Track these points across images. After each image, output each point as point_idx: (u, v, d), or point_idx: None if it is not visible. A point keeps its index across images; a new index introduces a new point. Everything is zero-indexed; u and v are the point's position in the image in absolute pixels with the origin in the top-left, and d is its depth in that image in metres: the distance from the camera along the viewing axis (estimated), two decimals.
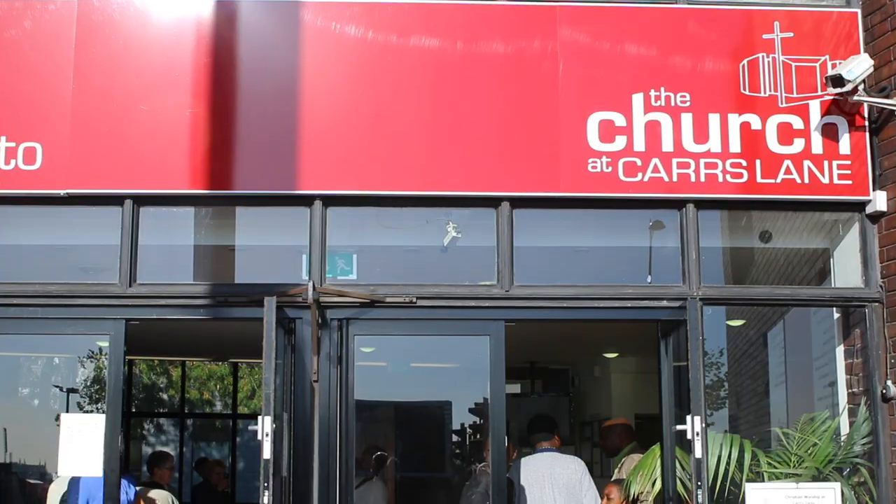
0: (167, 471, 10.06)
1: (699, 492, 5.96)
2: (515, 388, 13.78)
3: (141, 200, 6.75)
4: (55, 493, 9.39)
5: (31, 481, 13.54)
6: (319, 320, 6.54)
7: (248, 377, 19.18)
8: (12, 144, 6.67)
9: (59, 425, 6.64)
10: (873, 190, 6.85)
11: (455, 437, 14.87)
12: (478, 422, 14.06)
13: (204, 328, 10.27)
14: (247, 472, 16.12)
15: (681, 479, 6.66)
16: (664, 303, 6.76)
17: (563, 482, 7.67)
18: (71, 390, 16.41)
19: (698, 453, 6.00)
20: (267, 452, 5.84)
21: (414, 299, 6.64)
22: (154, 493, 9.41)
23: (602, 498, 7.47)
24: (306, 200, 6.74)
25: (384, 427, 12.90)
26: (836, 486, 6.69)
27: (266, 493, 5.79)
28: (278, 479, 6.20)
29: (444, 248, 7.01)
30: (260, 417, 5.90)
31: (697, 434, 6.00)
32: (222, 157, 6.74)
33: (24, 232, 7.23)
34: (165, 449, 14.59)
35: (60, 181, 6.65)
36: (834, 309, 7.27)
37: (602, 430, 8.47)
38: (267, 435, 5.84)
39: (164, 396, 20.12)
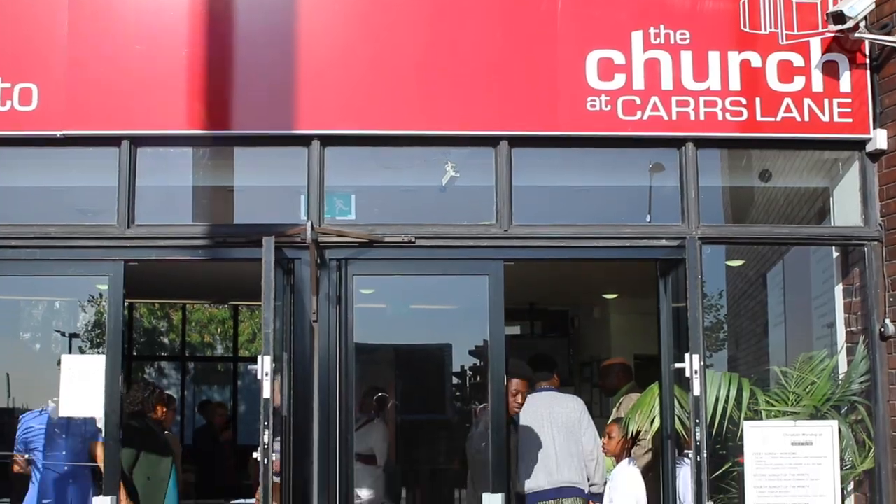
0: (170, 413, 10.12)
1: (697, 429, 5.98)
2: (515, 330, 13.82)
3: (138, 141, 6.72)
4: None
5: None
6: (318, 260, 6.54)
7: (248, 321, 19.21)
8: (7, 85, 6.63)
9: (60, 369, 6.67)
10: (874, 128, 6.81)
11: (455, 380, 14.93)
12: (478, 364, 14.12)
13: (203, 270, 10.29)
14: (248, 415, 16.23)
15: (679, 418, 6.69)
16: (663, 242, 6.75)
17: (562, 421, 7.73)
18: (72, 335, 16.47)
19: (696, 391, 6.02)
20: (267, 392, 5.86)
21: (412, 239, 6.63)
22: None
23: (602, 437, 7.51)
24: (304, 140, 6.71)
25: (384, 370, 12.94)
26: (834, 424, 6.72)
27: (266, 431, 5.82)
28: (278, 419, 6.23)
29: (443, 187, 6.99)
30: (259, 357, 5.92)
31: (696, 372, 6.01)
32: (220, 98, 6.70)
33: (22, 174, 7.20)
34: (168, 392, 14.65)
35: (57, 122, 6.62)
36: (833, 248, 7.26)
37: (601, 370, 8.51)
38: (267, 374, 5.86)
39: (165, 340, 20.19)
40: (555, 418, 7.66)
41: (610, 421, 7.45)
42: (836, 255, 7.26)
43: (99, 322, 16.43)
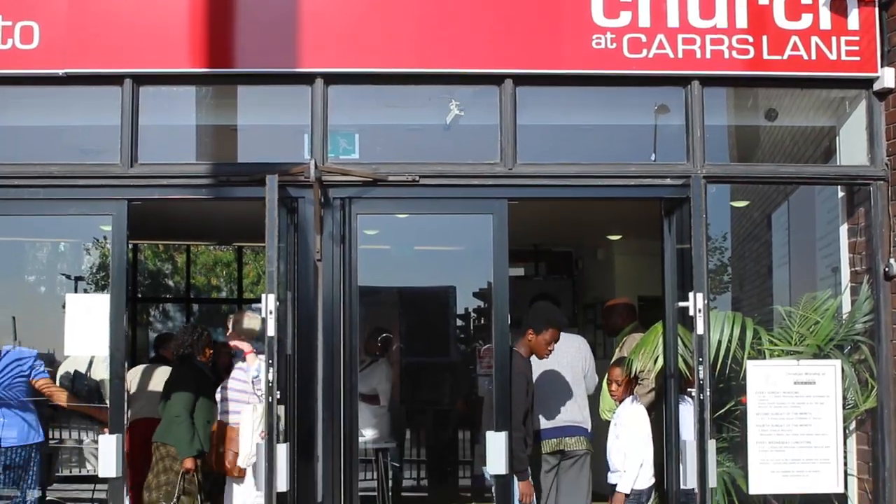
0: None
1: (700, 368, 5.99)
2: (519, 271, 13.80)
3: (140, 80, 6.68)
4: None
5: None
6: (322, 199, 6.53)
7: (253, 263, 19.24)
8: (8, 23, 6.59)
9: (65, 309, 6.69)
10: (881, 66, 6.76)
11: (459, 322, 14.97)
12: (482, 306, 14.15)
13: (207, 211, 10.27)
14: None
15: (682, 357, 6.70)
16: (668, 181, 6.72)
17: (566, 361, 7.76)
18: (78, 278, 16.50)
19: (700, 330, 6.02)
20: (271, 330, 5.86)
21: (416, 178, 6.61)
22: (161, 370, 9.54)
23: (609, 384, 7.48)
24: (307, 79, 6.67)
25: (389, 312, 12.97)
26: (837, 363, 6.74)
27: (271, 370, 5.84)
28: (283, 358, 6.25)
29: (447, 126, 6.95)
30: (263, 296, 5.92)
31: (699, 311, 6.01)
32: (222, 36, 6.66)
33: (24, 113, 7.17)
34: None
35: (58, 61, 6.58)
36: (839, 188, 7.23)
37: (604, 310, 8.49)
38: (271, 313, 5.86)
39: (170, 283, 20.24)
40: (559, 358, 7.67)
41: (613, 361, 7.44)
42: (841, 194, 7.24)
43: (103, 265, 16.47)
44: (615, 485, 7.02)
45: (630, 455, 6.94)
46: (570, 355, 7.76)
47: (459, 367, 13.80)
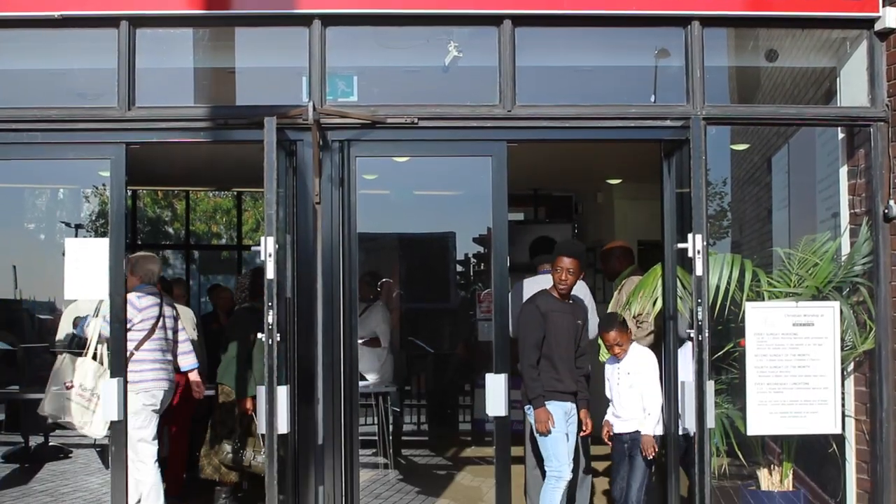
0: (179, 297, 10.18)
1: (699, 310, 6.00)
2: (519, 216, 13.80)
3: (136, 22, 6.63)
4: (67, 319, 9.56)
5: (41, 316, 13.73)
6: (320, 142, 6.51)
7: (252, 210, 19.24)
8: None
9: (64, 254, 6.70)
10: (882, 6, 6.70)
11: (459, 268, 15.00)
12: (482, 251, 14.17)
13: (206, 156, 10.25)
14: None
15: (681, 298, 6.71)
16: (667, 122, 6.70)
17: None
18: (77, 226, 16.52)
19: (699, 271, 6.02)
20: (270, 273, 5.87)
21: (415, 120, 6.59)
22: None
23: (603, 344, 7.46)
24: (305, 20, 6.62)
25: (389, 258, 13.00)
26: (836, 304, 6.75)
27: (270, 312, 5.85)
28: (282, 301, 6.26)
29: (446, 68, 6.90)
30: (263, 239, 5.91)
31: (698, 252, 6.01)
32: None
33: (21, 56, 7.13)
34: None
35: (54, 3, 6.53)
36: (839, 129, 7.20)
37: (602, 254, 8.49)
38: (270, 255, 5.86)
39: (170, 230, 20.24)
40: None
41: (601, 324, 7.30)
42: (841, 136, 7.20)
43: (103, 212, 16.48)
44: (628, 432, 7.07)
45: (653, 397, 6.96)
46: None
47: (459, 313, 13.86)
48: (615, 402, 7.17)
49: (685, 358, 6.67)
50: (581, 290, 7.85)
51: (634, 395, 7.02)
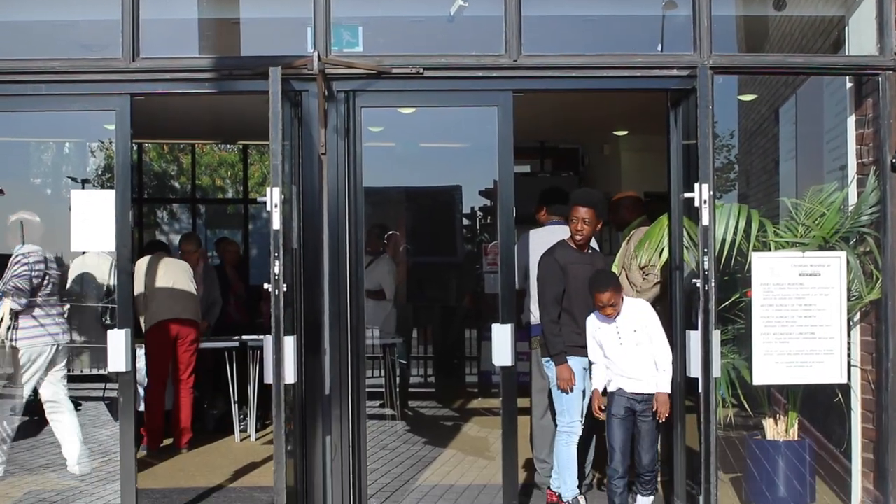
0: (190, 254, 10.21)
1: (705, 259, 5.99)
2: (525, 168, 13.77)
3: None
4: (75, 270, 9.59)
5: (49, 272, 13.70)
6: (325, 92, 6.49)
7: (258, 163, 19.17)
8: None
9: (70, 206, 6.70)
10: None
11: (465, 221, 14.99)
12: (488, 205, 14.16)
13: (211, 108, 10.23)
14: (259, 258, 16.33)
15: (688, 249, 6.70)
16: (674, 72, 6.65)
17: None
18: (84, 181, 16.50)
19: (705, 221, 6.01)
20: (276, 223, 5.87)
21: (421, 70, 6.55)
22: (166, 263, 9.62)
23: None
24: None
25: (395, 212, 12.99)
26: (842, 255, 6.74)
27: (276, 263, 5.85)
28: (289, 252, 6.26)
29: (451, 18, 6.87)
30: (268, 189, 5.91)
31: (705, 201, 5.99)
32: None
33: (24, 8, 7.11)
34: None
35: None
36: (847, 79, 7.14)
37: (611, 204, 8.46)
38: (276, 206, 5.86)
39: (176, 184, 20.20)
40: None
41: (595, 285, 7.18)
42: (849, 85, 7.15)
43: (109, 166, 16.43)
44: (642, 393, 6.63)
45: (666, 351, 6.60)
46: None
47: (465, 266, 13.86)
48: (620, 364, 6.63)
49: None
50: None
51: (644, 352, 6.60)
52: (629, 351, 6.61)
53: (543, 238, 7.48)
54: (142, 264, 9.30)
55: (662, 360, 6.58)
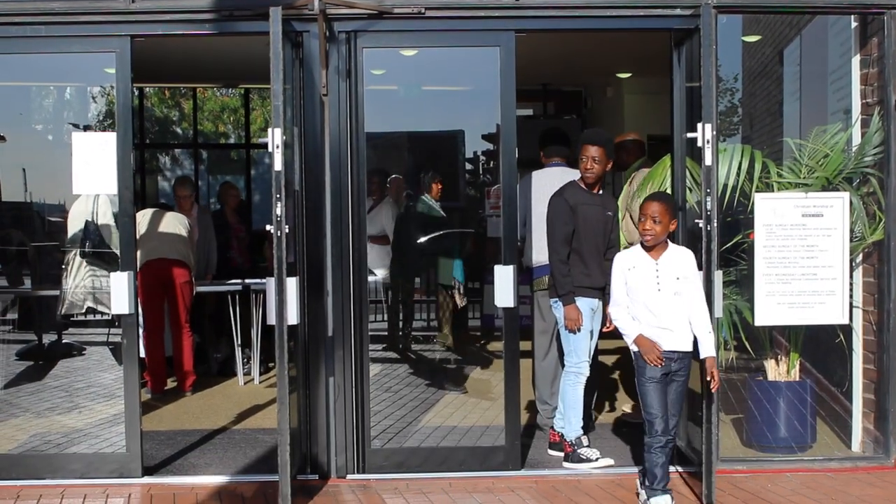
0: (184, 198, 10.21)
1: (708, 199, 5.98)
2: (527, 111, 13.73)
3: None
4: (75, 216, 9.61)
5: (52, 218, 13.75)
6: (327, 33, 6.44)
7: (260, 108, 19.12)
8: None
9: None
10: None
11: (468, 166, 14.96)
12: (491, 149, 14.12)
13: (212, 50, 10.17)
14: (262, 203, 16.34)
15: (690, 189, 6.69)
16: (677, 11, 6.60)
17: None
18: (86, 127, 16.45)
19: (708, 161, 5.99)
20: (278, 164, 5.85)
21: (422, 9, 6.50)
22: (171, 214, 9.63)
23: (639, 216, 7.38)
24: None
25: (397, 157, 12.95)
26: (845, 195, 6.74)
27: (278, 204, 5.84)
28: (291, 193, 6.24)
29: None
30: (270, 130, 5.88)
31: (708, 141, 5.97)
32: None
33: None
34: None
35: None
36: (852, 18, 7.09)
37: (613, 146, 8.45)
38: (277, 147, 5.84)
39: (178, 130, 20.16)
40: None
41: (647, 196, 7.06)
42: (854, 25, 7.10)
43: (110, 112, 16.38)
44: (678, 350, 5.82)
45: (706, 311, 5.88)
46: None
47: (468, 211, 13.84)
48: (656, 312, 5.80)
49: None
50: None
51: (681, 305, 5.81)
52: (667, 300, 5.79)
53: (543, 180, 7.48)
54: (140, 216, 9.28)
55: (706, 320, 5.84)
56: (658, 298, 5.79)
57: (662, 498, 5.75)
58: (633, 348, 5.90)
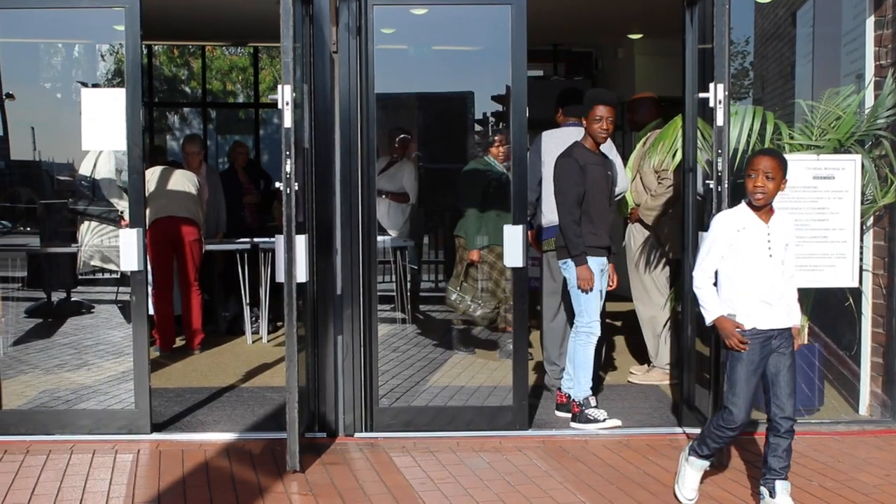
0: (193, 154, 10.20)
1: (719, 160, 5.94)
2: (538, 72, 13.66)
3: None
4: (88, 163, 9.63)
5: (62, 178, 13.78)
6: None
7: (269, 68, 19.05)
8: None
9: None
10: None
11: (478, 127, 14.91)
12: (501, 110, 14.06)
13: (221, 7, 10.11)
14: (271, 163, 16.31)
15: (701, 150, 6.64)
16: None
17: None
18: (95, 85, 16.45)
19: (720, 121, 5.94)
20: (288, 121, 5.81)
21: None
22: (181, 171, 9.62)
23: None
24: None
25: (408, 117, 12.93)
26: (857, 158, 6.69)
27: (288, 161, 5.81)
28: (300, 151, 6.22)
29: None
30: (279, 87, 5.84)
31: (720, 102, 5.92)
32: None
33: None
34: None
35: None
36: None
37: (629, 104, 8.38)
38: (287, 104, 5.80)
39: (187, 89, 20.10)
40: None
41: (757, 151, 6.85)
42: None
43: (119, 70, 16.36)
44: (779, 328, 5.20)
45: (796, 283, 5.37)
46: None
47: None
48: (764, 281, 5.13)
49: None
50: (608, 145, 7.78)
51: (786, 275, 5.22)
52: (776, 268, 5.17)
53: (558, 139, 7.42)
54: (149, 174, 9.27)
55: (795, 290, 5.35)
56: (768, 266, 5.12)
57: (700, 462, 5.32)
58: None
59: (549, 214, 7.29)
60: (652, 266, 7.97)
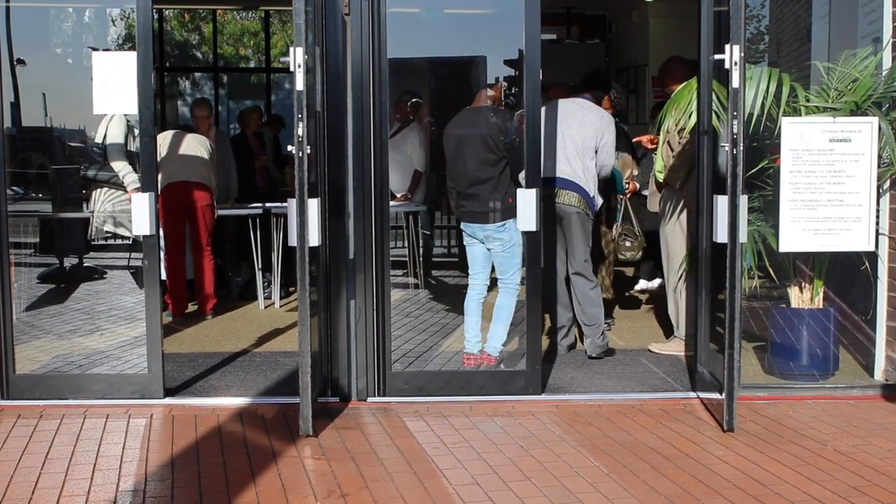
0: (202, 119, 10.15)
1: (734, 122, 5.87)
2: (551, 36, 13.57)
3: None
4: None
5: (73, 144, 13.78)
6: None
7: (280, 32, 18.96)
8: None
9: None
10: None
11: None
12: (513, 74, 13.97)
13: None
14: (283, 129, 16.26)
15: (716, 113, 6.57)
16: None
17: (576, 130, 7.68)
18: (105, 50, 16.40)
19: (735, 83, 5.86)
20: (300, 84, 5.77)
21: None
22: (192, 135, 9.60)
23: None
24: None
25: (419, 81, 12.86)
26: (874, 120, 6.62)
27: (300, 124, 5.77)
28: (312, 114, 6.17)
29: None
30: (291, 49, 5.79)
31: (735, 63, 5.84)
32: None
33: None
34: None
35: None
36: None
37: (661, 68, 8.28)
38: (299, 66, 5.75)
39: (198, 54, 20.03)
40: (571, 122, 7.66)
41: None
42: None
43: (130, 35, 16.31)
44: None
45: None
46: (585, 124, 7.67)
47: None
48: None
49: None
50: (598, 120, 7.74)
51: None
52: None
53: (570, 107, 7.48)
54: (161, 138, 9.24)
55: None
56: None
57: None
58: None
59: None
60: (680, 231, 7.87)
